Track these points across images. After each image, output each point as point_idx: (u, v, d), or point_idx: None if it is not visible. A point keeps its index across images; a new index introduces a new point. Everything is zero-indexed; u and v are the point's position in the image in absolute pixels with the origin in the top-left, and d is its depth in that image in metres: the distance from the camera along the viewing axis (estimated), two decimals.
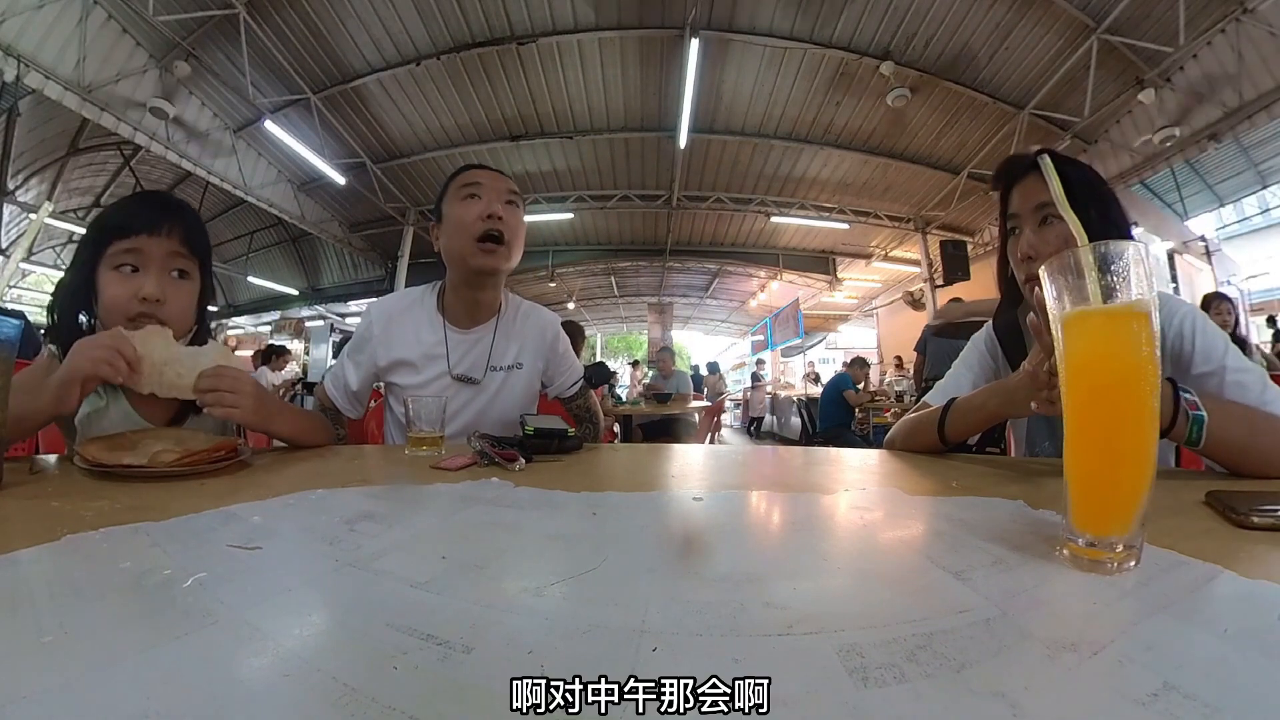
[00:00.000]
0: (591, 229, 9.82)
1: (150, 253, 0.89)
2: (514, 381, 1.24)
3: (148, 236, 0.88)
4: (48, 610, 0.31)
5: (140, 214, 0.90)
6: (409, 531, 0.47)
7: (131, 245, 0.88)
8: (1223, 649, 0.28)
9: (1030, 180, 0.90)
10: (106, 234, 0.89)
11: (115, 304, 0.87)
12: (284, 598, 0.34)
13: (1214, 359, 0.83)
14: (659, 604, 0.33)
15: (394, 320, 1.24)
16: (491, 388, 1.22)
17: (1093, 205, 0.83)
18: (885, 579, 0.39)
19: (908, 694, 0.24)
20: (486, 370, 1.21)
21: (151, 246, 0.89)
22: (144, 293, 0.87)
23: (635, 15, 5.91)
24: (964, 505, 0.55)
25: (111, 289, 0.88)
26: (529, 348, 1.26)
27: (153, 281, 0.88)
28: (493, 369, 1.22)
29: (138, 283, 0.88)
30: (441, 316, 1.23)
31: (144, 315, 0.87)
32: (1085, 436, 0.41)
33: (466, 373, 1.21)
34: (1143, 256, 0.39)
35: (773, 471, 0.85)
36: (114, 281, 0.88)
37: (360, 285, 11.39)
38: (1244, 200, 8.30)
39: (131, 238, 0.88)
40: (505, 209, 1.16)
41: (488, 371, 1.21)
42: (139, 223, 0.88)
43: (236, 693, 0.24)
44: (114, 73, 5.46)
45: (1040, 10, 5.28)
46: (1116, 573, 0.37)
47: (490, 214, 1.15)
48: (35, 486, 0.62)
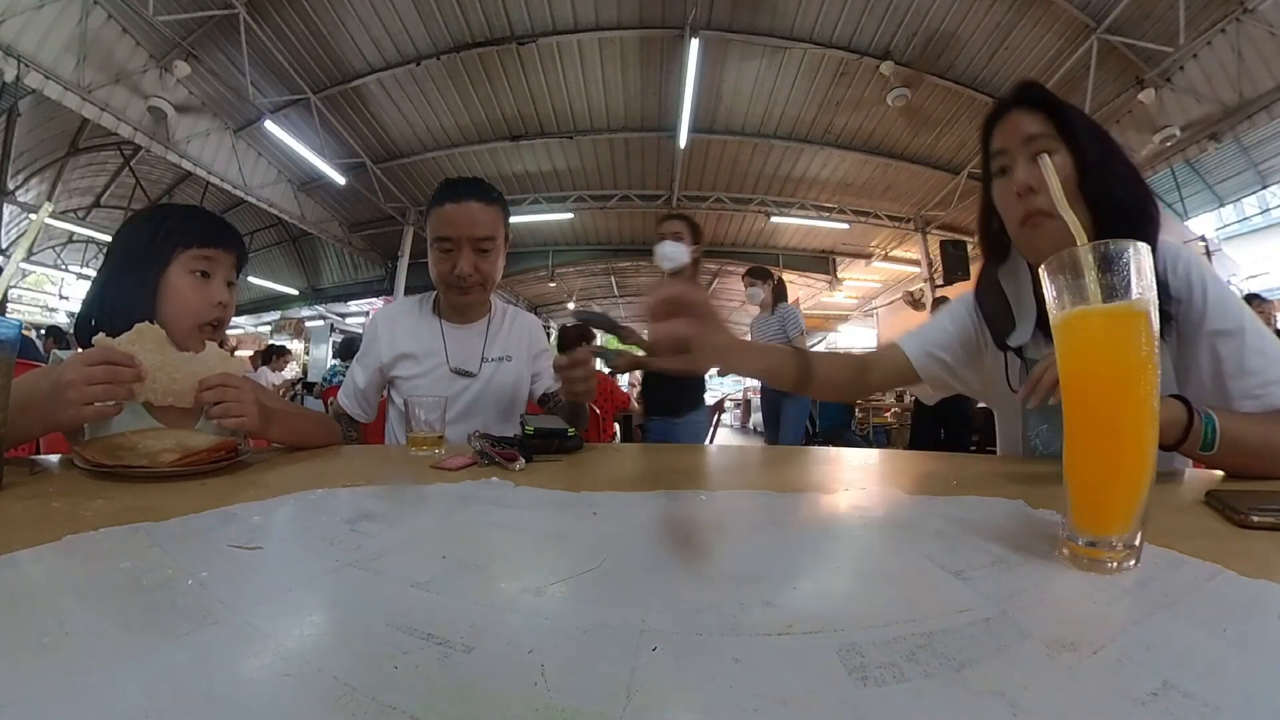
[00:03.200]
0: (591, 229, 9.82)
1: (220, 262, 0.98)
2: (505, 370, 1.35)
3: (222, 250, 0.98)
4: (48, 610, 0.31)
5: (215, 225, 1.00)
6: (409, 531, 0.47)
7: (210, 254, 0.96)
8: (1223, 649, 0.28)
9: (1014, 116, 0.80)
10: (181, 240, 0.95)
11: (190, 308, 0.95)
12: (284, 597, 0.34)
13: (1232, 317, 0.73)
14: (659, 604, 0.33)
15: (397, 321, 1.36)
16: (485, 376, 1.33)
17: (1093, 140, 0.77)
18: (885, 579, 0.39)
19: (908, 693, 0.24)
20: (481, 362, 1.33)
21: (222, 258, 0.98)
22: (220, 298, 0.97)
23: (635, 15, 5.91)
24: (964, 505, 0.55)
25: (186, 294, 0.95)
26: (516, 344, 1.39)
27: (224, 289, 0.98)
28: (486, 360, 1.33)
29: (212, 289, 0.96)
30: (439, 318, 1.36)
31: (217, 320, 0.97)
32: (1085, 436, 0.41)
33: (462, 365, 1.31)
34: (1142, 255, 0.39)
35: (773, 471, 0.85)
36: (190, 288, 0.95)
37: (360, 285, 11.39)
38: (1244, 200, 8.31)
39: (209, 248, 0.96)
40: (477, 258, 1.26)
41: (482, 363, 1.33)
42: (217, 234, 0.98)
43: (236, 693, 0.24)
44: (114, 73, 5.46)
45: (1040, 10, 5.28)
46: (1116, 572, 0.37)
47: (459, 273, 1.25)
48: (35, 486, 0.62)
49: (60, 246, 10.93)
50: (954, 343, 0.96)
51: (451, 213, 1.24)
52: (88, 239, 10.35)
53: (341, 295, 11.80)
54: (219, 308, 0.97)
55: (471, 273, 1.25)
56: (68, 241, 10.80)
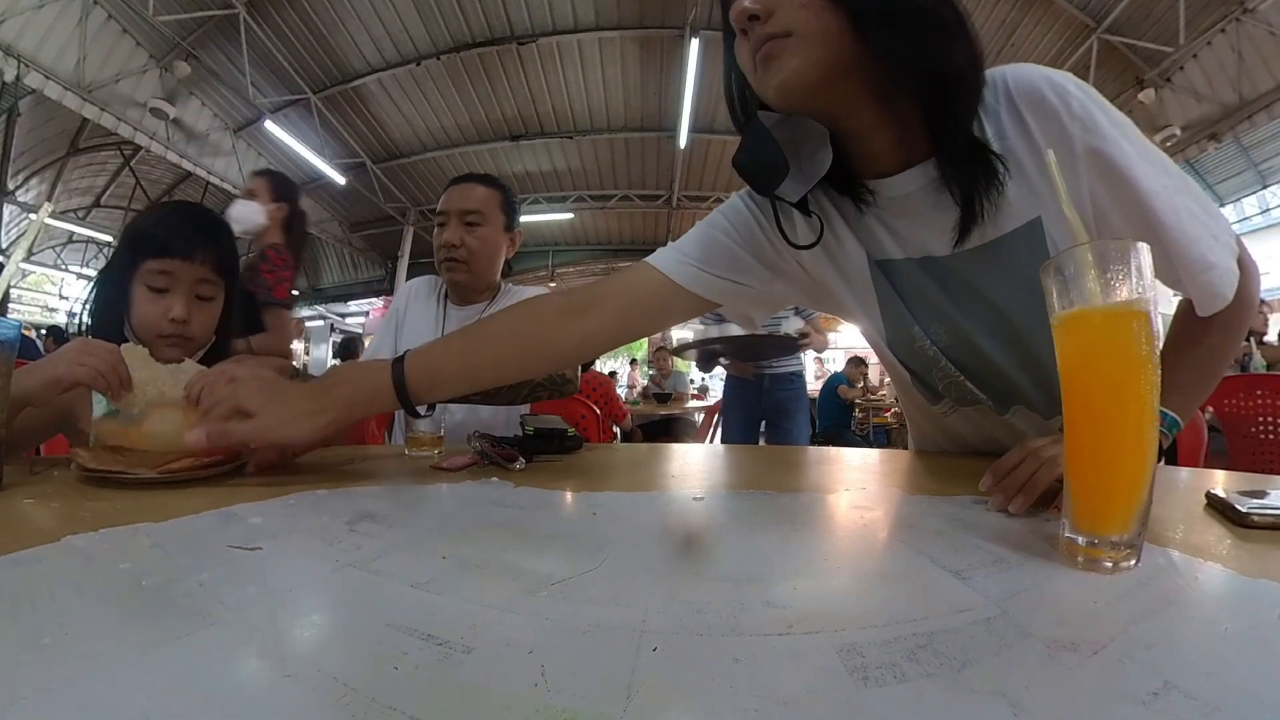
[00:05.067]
0: (591, 229, 9.83)
1: (180, 276, 0.94)
2: None
3: (181, 261, 0.93)
4: (48, 611, 0.31)
5: (179, 234, 0.94)
6: (409, 532, 0.47)
7: (164, 268, 0.93)
8: (1223, 649, 0.28)
9: None
10: (143, 249, 0.93)
11: (146, 321, 0.93)
12: (284, 598, 0.34)
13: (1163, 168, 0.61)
14: (659, 604, 0.33)
15: (414, 296, 1.48)
16: None
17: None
18: (885, 578, 0.39)
19: (908, 693, 0.24)
20: None
21: (183, 271, 0.93)
22: (173, 314, 0.93)
23: (635, 15, 5.92)
24: (964, 505, 0.55)
25: (143, 306, 0.93)
26: None
27: (181, 305, 0.93)
28: None
29: (167, 304, 0.93)
30: (445, 299, 1.45)
31: (174, 335, 0.93)
32: (1085, 436, 0.41)
33: None
34: (1142, 255, 0.39)
35: (773, 471, 0.85)
36: (146, 300, 0.93)
37: (360, 285, 11.39)
38: (1244, 200, 8.30)
39: (166, 260, 0.92)
40: (464, 231, 1.35)
41: None
42: (176, 246, 0.93)
43: (237, 693, 0.24)
44: (114, 73, 5.46)
45: (1041, 10, 5.29)
46: (1116, 572, 0.37)
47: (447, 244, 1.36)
48: (35, 487, 0.62)
49: (60, 246, 10.94)
50: (734, 247, 0.74)
51: (450, 191, 1.37)
52: (88, 239, 10.36)
53: (341, 295, 11.81)
54: (173, 324, 0.92)
55: (457, 244, 1.32)
56: (68, 241, 10.81)
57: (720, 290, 0.75)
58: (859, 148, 0.65)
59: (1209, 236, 0.61)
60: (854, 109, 0.60)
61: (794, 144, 0.62)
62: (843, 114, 0.61)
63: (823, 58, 0.55)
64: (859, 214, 0.70)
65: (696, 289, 0.74)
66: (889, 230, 0.69)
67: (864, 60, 0.56)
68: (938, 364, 0.74)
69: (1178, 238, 0.59)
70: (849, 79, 0.57)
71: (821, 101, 0.59)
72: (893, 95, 0.60)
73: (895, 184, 0.65)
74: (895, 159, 0.64)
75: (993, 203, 0.61)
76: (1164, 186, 0.59)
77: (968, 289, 0.68)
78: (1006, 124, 0.62)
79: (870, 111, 0.61)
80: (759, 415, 2.90)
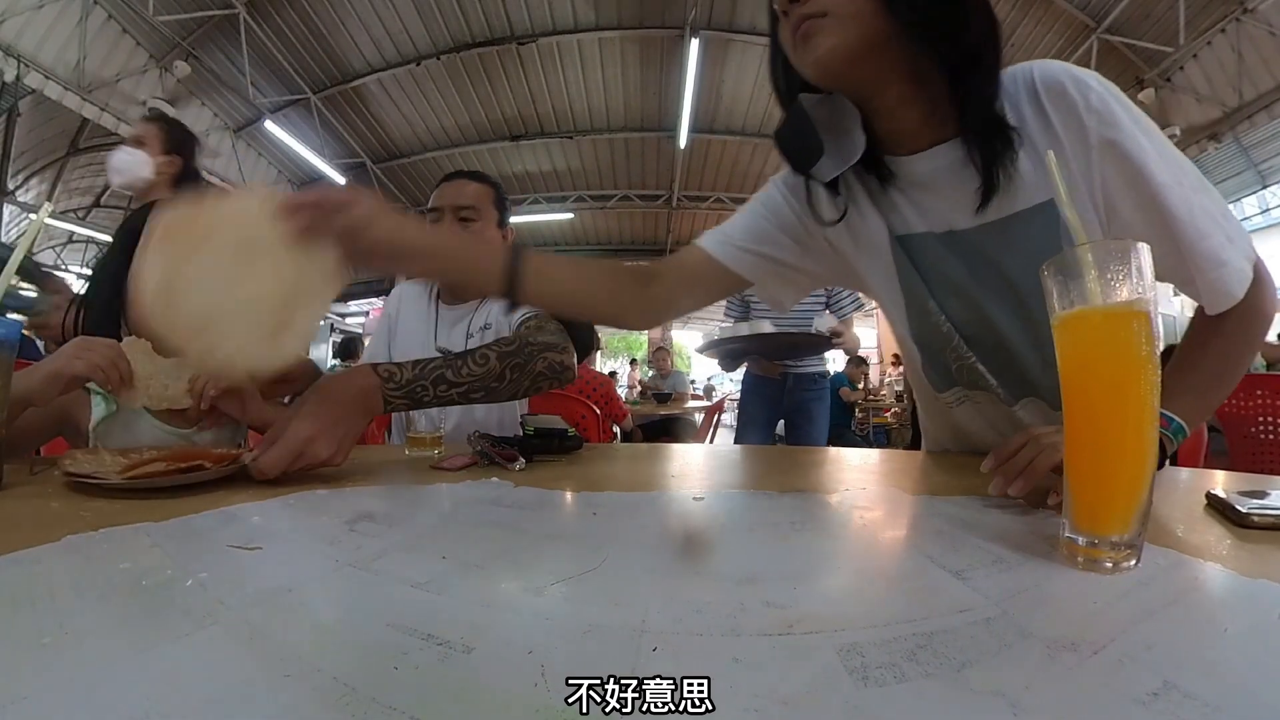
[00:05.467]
0: (591, 229, 9.82)
1: None
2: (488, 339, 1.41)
3: None
4: (48, 611, 0.31)
5: None
6: (409, 531, 0.47)
7: None
8: (1223, 649, 0.28)
9: None
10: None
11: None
12: (284, 598, 0.34)
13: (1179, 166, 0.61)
14: (659, 604, 0.33)
15: (407, 299, 1.48)
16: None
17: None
18: (885, 578, 0.39)
19: (908, 693, 0.24)
20: (466, 338, 1.40)
21: None
22: None
23: (635, 15, 5.92)
24: (964, 505, 0.55)
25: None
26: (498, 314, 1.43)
27: None
28: (470, 335, 1.41)
29: None
30: (437, 299, 1.44)
31: None
32: (1085, 436, 0.41)
33: (446, 345, 1.38)
34: (1142, 255, 0.39)
35: (773, 471, 0.85)
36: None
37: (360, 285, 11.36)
38: (1244, 200, 8.29)
39: None
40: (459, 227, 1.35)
41: (467, 339, 1.40)
42: None
43: (236, 693, 0.24)
44: (114, 73, 5.46)
45: (1041, 10, 5.29)
46: (1116, 572, 0.37)
47: None
48: (35, 487, 0.62)
49: (60, 246, 10.92)
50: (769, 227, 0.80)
51: (443, 188, 1.38)
52: (88, 239, 10.34)
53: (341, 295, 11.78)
54: None
55: None
56: (68, 241, 10.79)
57: (754, 267, 0.81)
58: (889, 124, 0.68)
59: (1223, 236, 0.61)
60: (885, 85, 0.65)
61: (830, 125, 0.69)
62: (874, 92, 0.66)
63: (856, 35, 0.59)
64: (883, 190, 0.74)
65: (735, 266, 0.80)
66: (912, 204, 0.73)
67: (895, 37, 0.60)
68: (950, 343, 0.76)
69: (1189, 232, 0.60)
70: (881, 55, 0.61)
71: (855, 76, 0.63)
72: (921, 73, 0.63)
73: (921, 160, 0.69)
74: (922, 137, 0.68)
75: (1008, 173, 0.64)
76: (1179, 181, 0.61)
77: (986, 263, 0.71)
78: (1026, 111, 0.65)
79: (899, 88, 0.65)
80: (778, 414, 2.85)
